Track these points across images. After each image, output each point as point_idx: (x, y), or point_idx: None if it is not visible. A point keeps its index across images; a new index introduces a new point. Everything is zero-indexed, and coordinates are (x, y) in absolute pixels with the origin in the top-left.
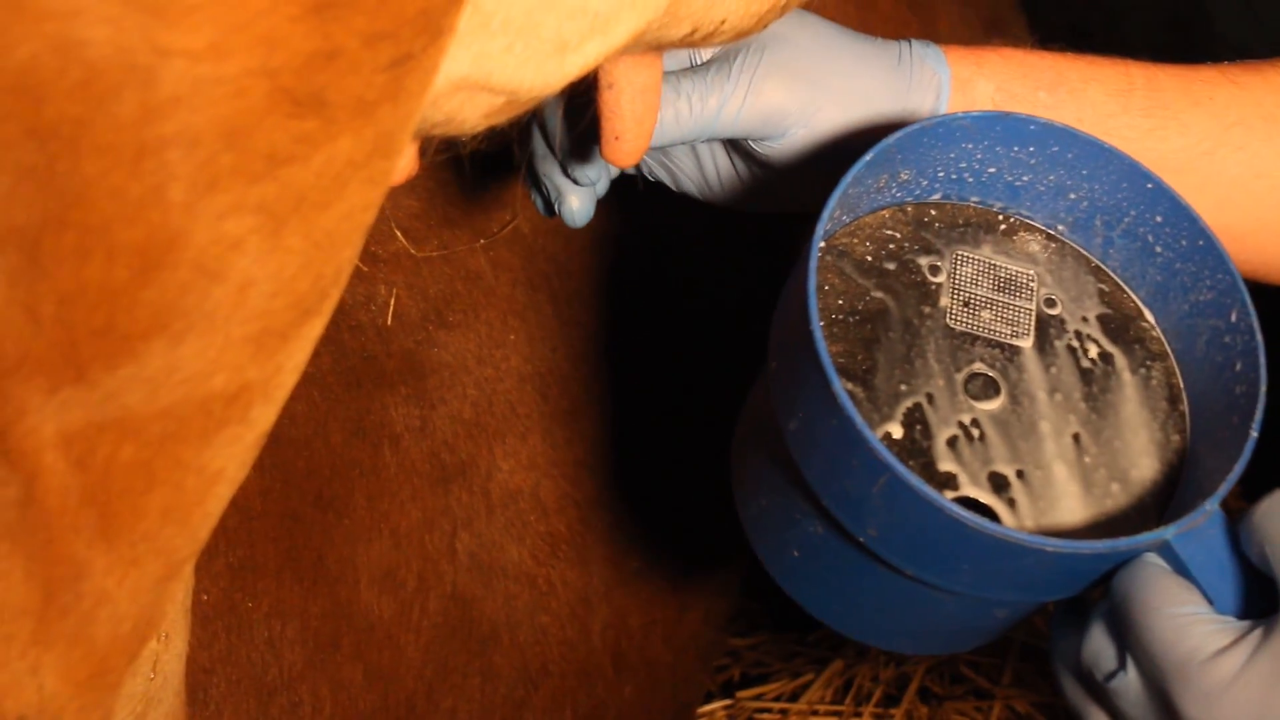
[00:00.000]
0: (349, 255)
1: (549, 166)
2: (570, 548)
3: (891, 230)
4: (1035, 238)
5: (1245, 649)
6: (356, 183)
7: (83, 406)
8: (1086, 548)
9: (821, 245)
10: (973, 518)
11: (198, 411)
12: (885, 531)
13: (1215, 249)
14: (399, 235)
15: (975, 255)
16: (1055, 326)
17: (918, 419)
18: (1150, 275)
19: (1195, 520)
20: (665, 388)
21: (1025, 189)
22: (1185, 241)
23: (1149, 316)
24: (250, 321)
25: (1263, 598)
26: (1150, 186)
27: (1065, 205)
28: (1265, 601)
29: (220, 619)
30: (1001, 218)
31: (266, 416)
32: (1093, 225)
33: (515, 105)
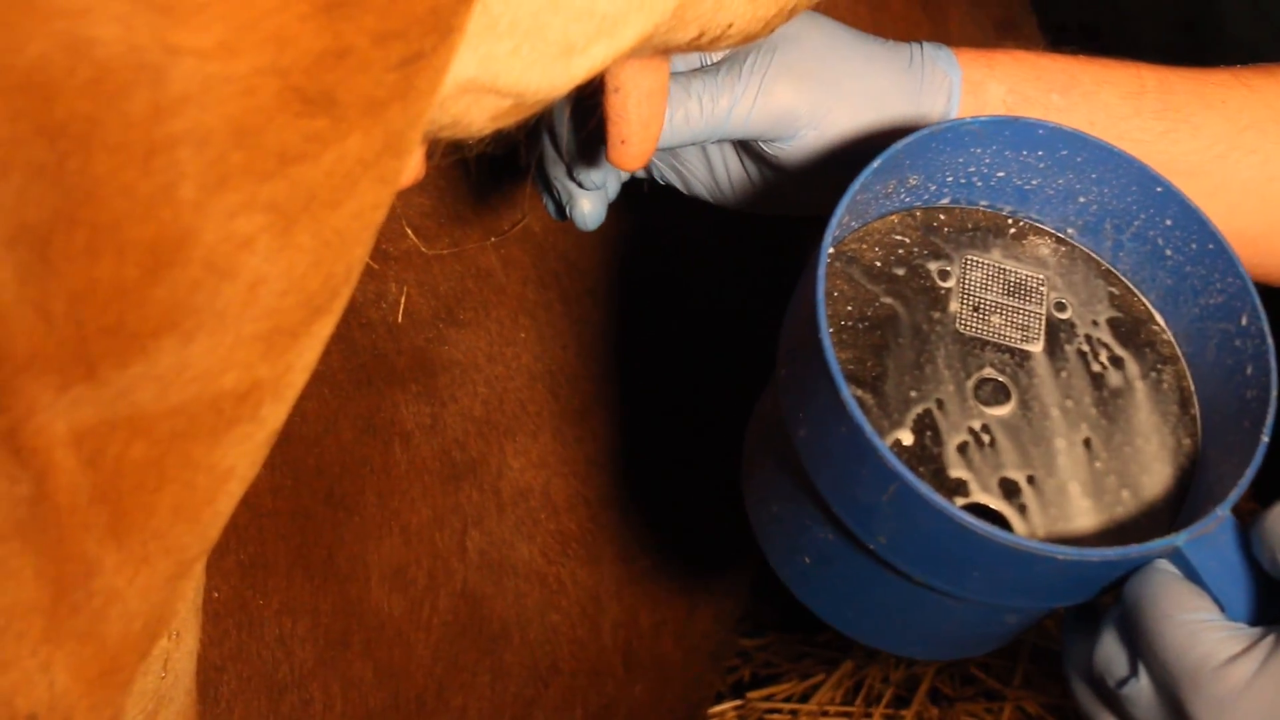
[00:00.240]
0: (360, 254)
1: (558, 170)
2: (581, 546)
3: (900, 235)
4: (1045, 241)
5: (1258, 655)
6: (367, 181)
7: (93, 404)
8: (1097, 555)
9: (830, 251)
10: (983, 526)
11: (208, 409)
12: (895, 539)
13: (1225, 253)
14: (410, 233)
15: (985, 260)
16: (1065, 331)
17: (928, 425)
18: (1160, 279)
19: (1207, 526)
20: (676, 386)
21: (1035, 193)
22: (1195, 245)
23: (1160, 320)
24: (261, 320)
25: (1274, 604)
26: (1160, 190)
27: (1075, 209)
28: (1277, 608)
29: (231, 616)
30: (1011, 222)
31: (277, 415)
32: (1102, 229)
33: (522, 108)
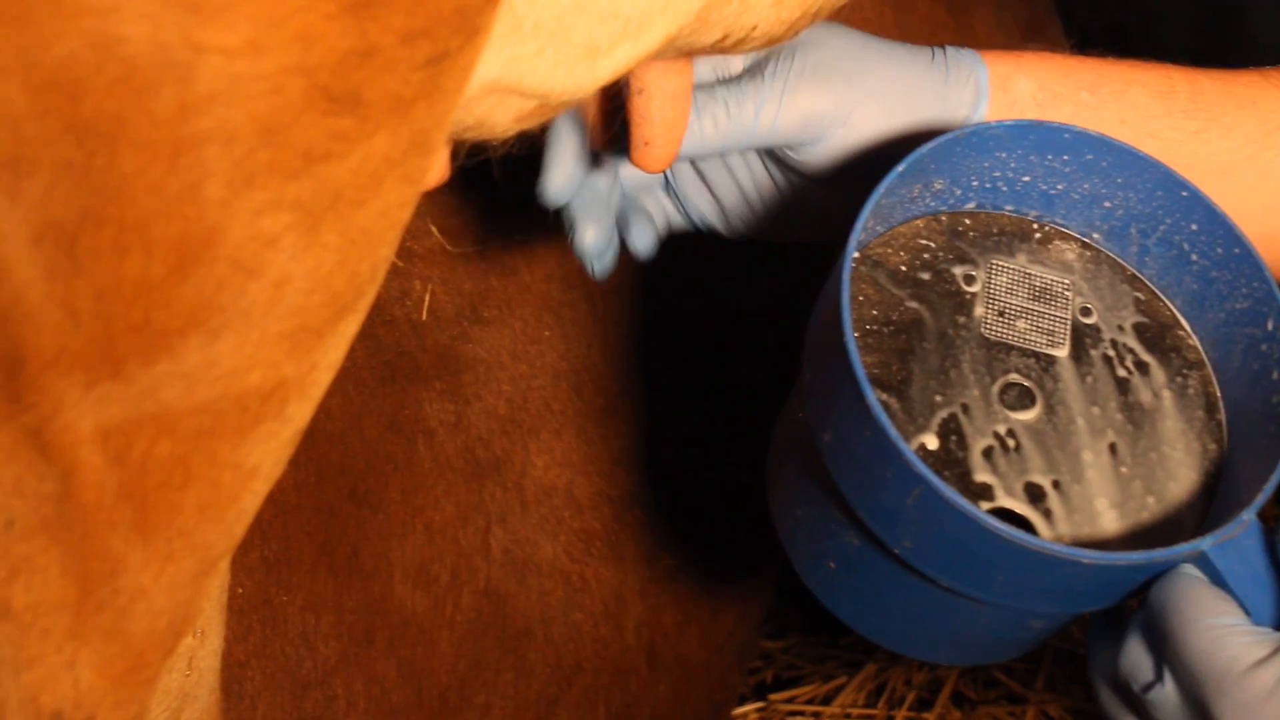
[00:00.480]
0: (385, 253)
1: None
2: (604, 545)
3: (926, 240)
4: (1070, 246)
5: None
6: (392, 180)
7: (120, 402)
8: (1123, 559)
9: (856, 255)
10: (1008, 530)
11: (234, 407)
12: (921, 543)
13: (1251, 257)
14: (434, 231)
15: (1010, 264)
16: (1091, 336)
17: (953, 430)
18: (1186, 283)
19: (1232, 531)
20: (701, 386)
21: (1060, 197)
22: (1221, 249)
23: (1185, 325)
24: (287, 318)
25: None
26: (1185, 194)
27: (1100, 213)
28: None
29: (255, 612)
30: (1036, 226)
31: (303, 413)
32: (1128, 233)
33: (546, 109)
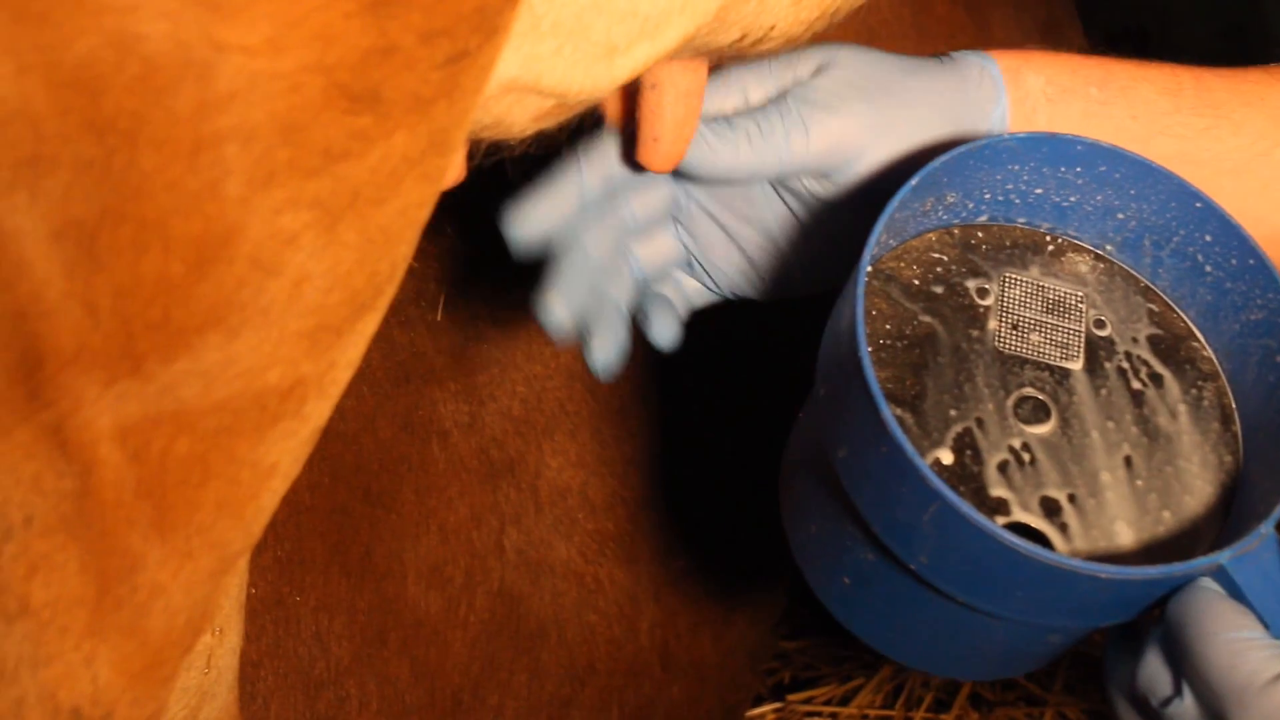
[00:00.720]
0: (404, 251)
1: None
2: (618, 546)
3: (938, 254)
4: (1083, 259)
5: None
6: (411, 179)
7: (139, 399)
8: (1140, 574)
9: (869, 270)
10: (1025, 545)
11: (252, 406)
12: (937, 559)
13: (1266, 268)
14: (450, 231)
15: (1023, 277)
16: (1105, 348)
17: (968, 444)
18: (1200, 295)
19: (1249, 544)
20: (715, 387)
21: (1073, 209)
22: (1235, 260)
23: (1200, 336)
24: (305, 316)
25: None
26: (1199, 205)
27: (1113, 225)
28: None
29: (268, 613)
30: (1049, 239)
31: (321, 411)
32: (1141, 245)
33: (564, 108)
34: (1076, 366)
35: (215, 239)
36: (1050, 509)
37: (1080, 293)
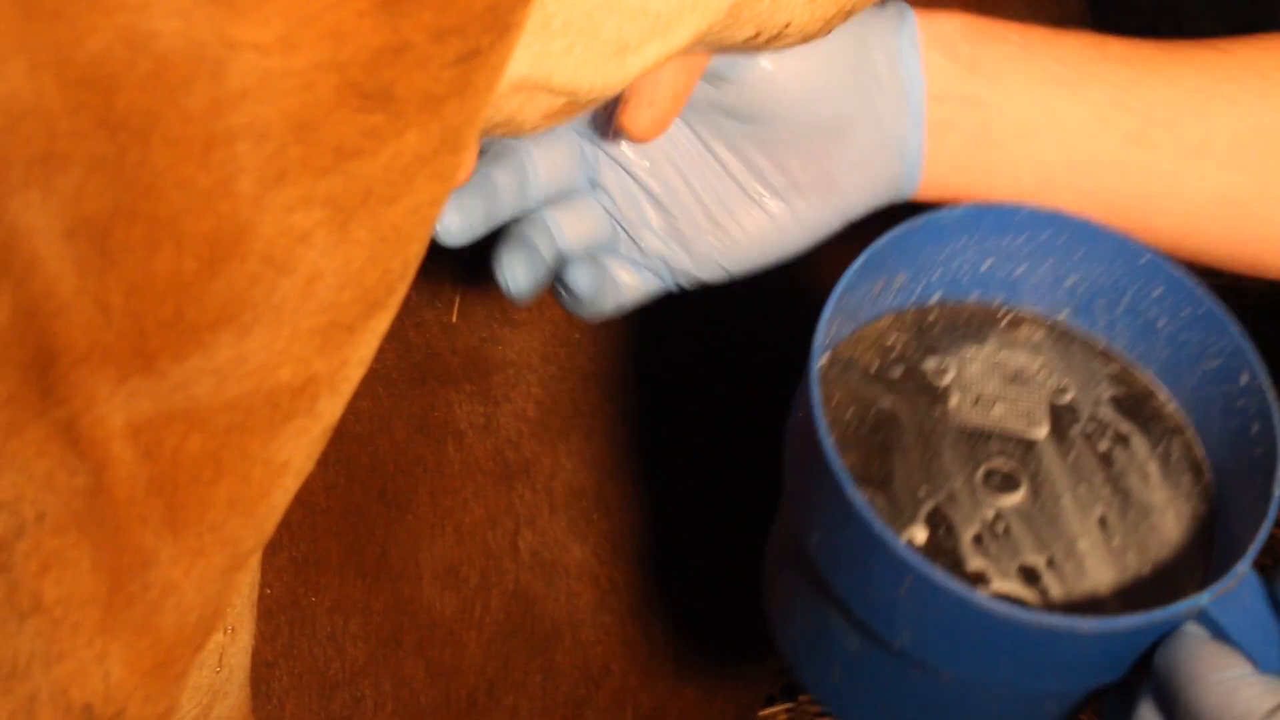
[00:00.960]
0: (416, 250)
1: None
2: (633, 547)
3: (893, 337)
4: (1038, 328)
5: None
6: (424, 177)
7: (151, 397)
8: (1123, 624)
9: (825, 358)
10: (1003, 606)
11: (265, 403)
12: (920, 635)
13: (1217, 315)
14: None
15: (980, 353)
16: (1069, 414)
17: (941, 520)
18: (1158, 351)
19: (1228, 584)
20: (733, 389)
21: (1022, 280)
22: (1187, 311)
23: (1162, 392)
24: (317, 314)
25: None
26: (1145, 261)
27: (1064, 291)
28: None
29: (283, 613)
30: (1003, 312)
31: (333, 409)
32: (1094, 308)
33: (575, 106)
34: (1042, 435)
35: (227, 236)
36: (1029, 576)
37: (1039, 362)
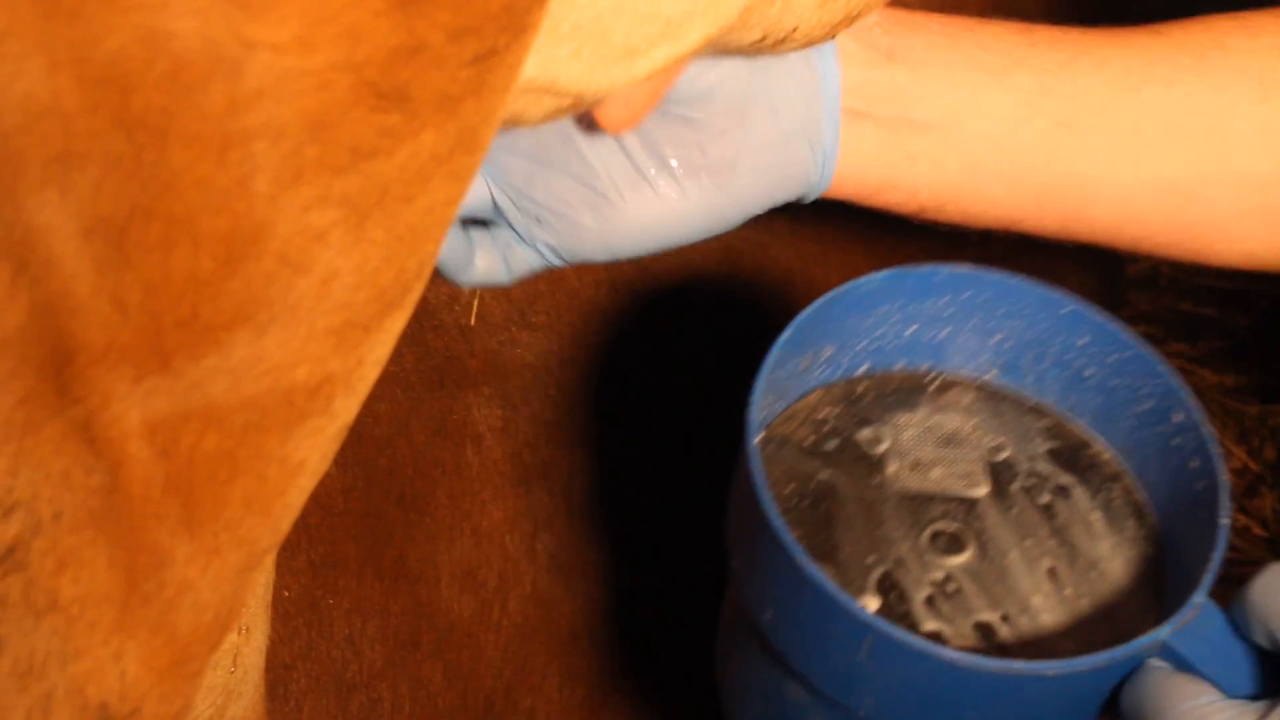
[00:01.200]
0: (432, 249)
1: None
2: (651, 551)
3: (825, 411)
4: (968, 390)
5: None
6: (440, 177)
7: (167, 395)
8: (1085, 663)
9: (760, 436)
10: (967, 657)
11: (281, 402)
12: (883, 698)
13: (1143, 357)
14: None
15: (913, 419)
16: (1007, 471)
17: (891, 586)
18: (1089, 400)
19: (1186, 616)
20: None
21: (948, 342)
22: (1115, 356)
23: (1097, 441)
24: (333, 313)
25: (1274, 675)
26: (1066, 311)
27: (991, 350)
28: (1277, 679)
29: (301, 615)
30: (930, 377)
31: (349, 408)
32: (1022, 364)
33: (579, 106)
34: (982, 493)
35: (244, 236)
36: (985, 632)
37: (972, 424)
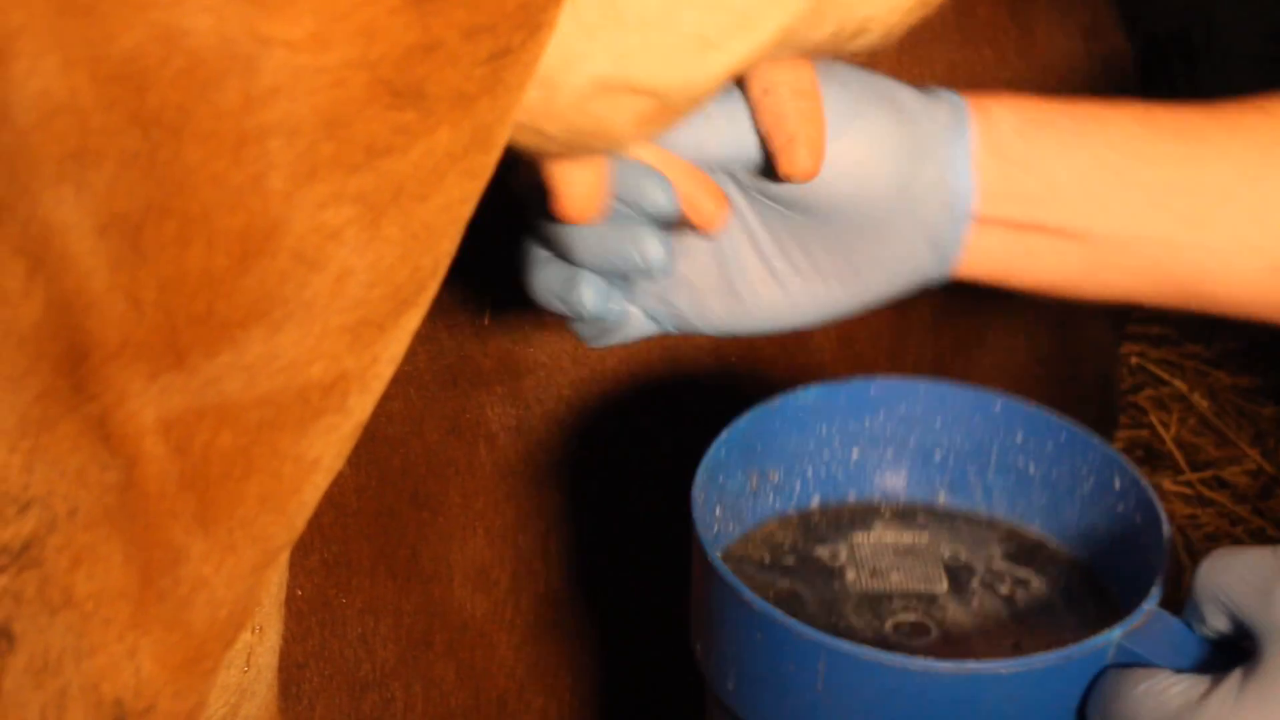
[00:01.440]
0: (447, 247)
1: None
2: (664, 549)
3: (781, 535)
4: (920, 512)
5: (1233, 684)
6: (454, 175)
7: (182, 392)
8: (1039, 661)
9: (719, 552)
10: (920, 661)
11: (295, 400)
12: None
13: (1079, 436)
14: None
15: (869, 538)
16: (965, 571)
17: None
18: (1036, 499)
19: (1136, 621)
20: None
21: (892, 465)
22: (1050, 444)
23: (1051, 540)
24: (348, 311)
25: (1228, 660)
26: (998, 408)
27: (935, 468)
28: (1231, 661)
29: (314, 614)
30: (883, 507)
31: (363, 406)
32: (967, 479)
33: (666, 110)
34: (942, 590)
35: (259, 233)
36: None
37: (926, 537)
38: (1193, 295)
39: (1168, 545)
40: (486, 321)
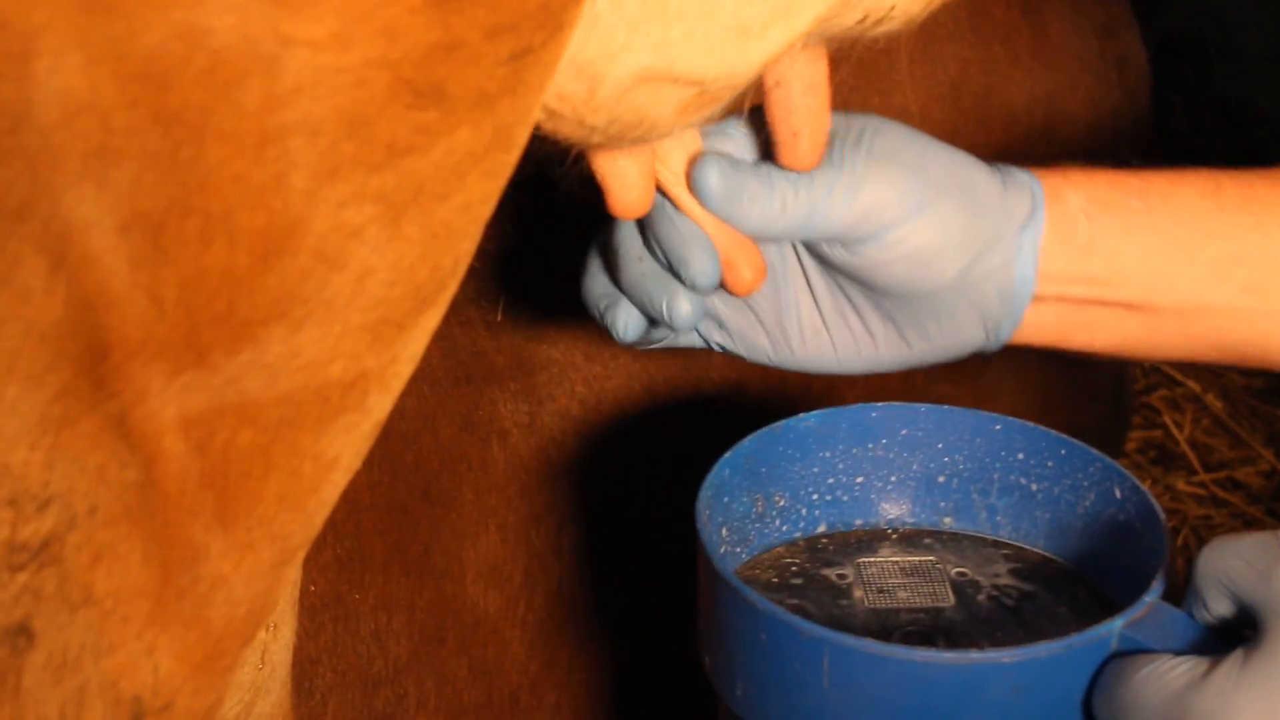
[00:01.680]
0: (467, 247)
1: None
2: (677, 545)
3: (789, 560)
4: (926, 536)
5: (1235, 662)
6: (475, 175)
7: (203, 391)
8: (1043, 649)
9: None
10: (926, 653)
11: (315, 398)
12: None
13: (1078, 450)
14: (512, 231)
15: (875, 560)
16: (971, 587)
17: None
18: (1040, 518)
19: (1139, 612)
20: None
21: (897, 491)
22: (1051, 462)
23: (1056, 556)
24: (368, 310)
25: (1230, 644)
26: (999, 428)
27: (939, 493)
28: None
29: (327, 610)
30: (890, 531)
31: (382, 405)
32: (971, 502)
33: (706, 98)
34: (949, 603)
35: (280, 232)
36: None
37: (932, 559)
38: (1254, 358)
39: (1167, 540)
40: (499, 318)
